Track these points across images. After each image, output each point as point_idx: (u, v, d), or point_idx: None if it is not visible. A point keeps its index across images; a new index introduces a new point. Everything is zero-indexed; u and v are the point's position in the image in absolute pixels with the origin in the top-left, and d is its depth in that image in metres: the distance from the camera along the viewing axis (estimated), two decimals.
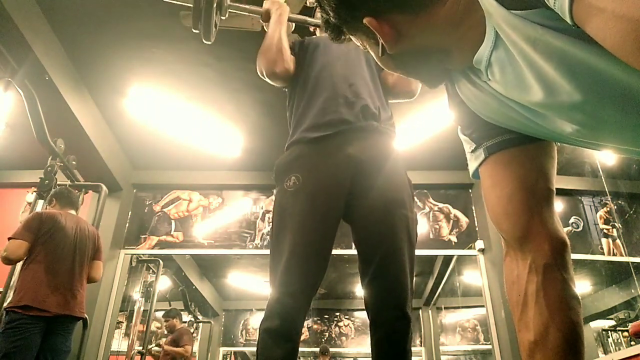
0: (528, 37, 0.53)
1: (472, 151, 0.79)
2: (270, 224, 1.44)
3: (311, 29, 2.05)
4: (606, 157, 4.11)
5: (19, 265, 2.69)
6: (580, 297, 0.73)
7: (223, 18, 1.72)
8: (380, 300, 1.34)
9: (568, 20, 0.46)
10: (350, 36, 0.78)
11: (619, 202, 4.67)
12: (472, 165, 0.81)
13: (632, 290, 4.82)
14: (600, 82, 0.52)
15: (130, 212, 4.56)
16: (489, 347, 4.14)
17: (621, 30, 0.42)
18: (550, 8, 0.48)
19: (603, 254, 4.38)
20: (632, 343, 3.48)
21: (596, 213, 4.56)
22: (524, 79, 0.60)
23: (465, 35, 0.65)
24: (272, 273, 1.34)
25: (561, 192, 4.42)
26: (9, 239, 2.60)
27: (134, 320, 4.97)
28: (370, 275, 1.36)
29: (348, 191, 1.41)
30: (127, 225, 4.50)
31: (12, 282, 2.71)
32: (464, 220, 4.55)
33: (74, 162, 3.45)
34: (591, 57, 0.49)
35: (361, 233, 1.42)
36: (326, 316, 7.94)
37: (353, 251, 1.49)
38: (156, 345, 5.00)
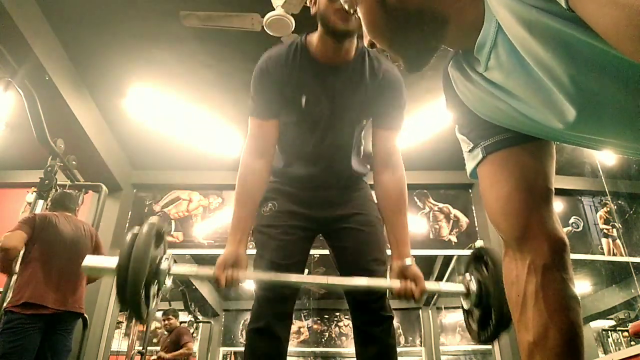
0: (524, 20, 0.52)
1: (470, 151, 0.79)
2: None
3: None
4: (606, 157, 4.11)
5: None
6: (579, 297, 0.73)
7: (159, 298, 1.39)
8: (358, 305, 1.45)
9: (563, 3, 0.45)
10: None
11: (619, 202, 4.67)
12: (469, 165, 0.80)
13: (632, 290, 4.82)
14: (598, 66, 0.51)
15: (130, 212, 4.56)
16: (489, 347, 4.14)
17: (614, 17, 0.41)
18: None
19: (603, 254, 4.38)
20: (632, 343, 3.48)
21: (596, 213, 4.56)
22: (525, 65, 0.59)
23: (466, 7, 0.63)
24: (255, 282, 1.50)
25: (561, 192, 4.42)
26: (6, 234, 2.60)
27: (134, 320, 4.96)
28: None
29: (321, 221, 1.54)
30: (127, 225, 4.49)
31: (11, 282, 2.71)
32: (464, 220, 4.55)
33: (74, 162, 3.44)
34: (588, 39, 0.48)
35: (335, 254, 1.57)
36: (326, 316, 7.94)
37: None
38: (158, 359, 4.96)
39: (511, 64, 0.61)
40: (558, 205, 4.32)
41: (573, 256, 0.78)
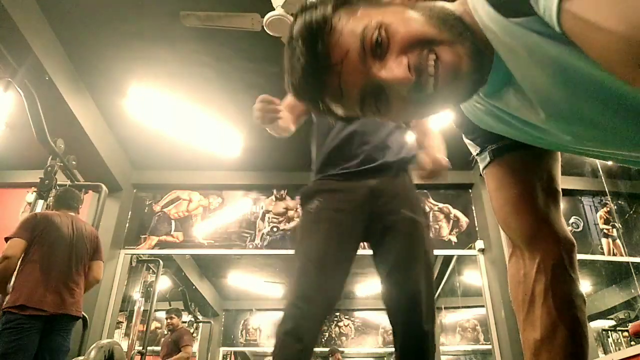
0: (525, 45, 0.53)
1: (478, 154, 0.81)
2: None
3: None
4: None
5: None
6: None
7: None
8: (398, 316, 1.45)
9: (557, 29, 0.46)
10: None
11: (619, 202, 4.67)
12: (481, 166, 0.82)
13: (632, 290, 4.82)
14: (595, 90, 0.52)
15: (130, 212, 4.56)
16: (489, 347, 4.14)
17: (604, 43, 0.43)
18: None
19: (603, 254, 4.38)
20: (632, 343, 3.48)
21: (596, 213, 4.56)
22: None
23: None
24: (290, 280, 1.49)
25: (561, 192, 4.40)
26: (6, 238, 2.60)
27: (134, 320, 4.96)
28: (387, 291, 1.49)
29: (367, 215, 1.53)
30: (127, 225, 4.49)
31: (11, 282, 2.71)
32: (464, 220, 4.55)
33: (74, 162, 3.45)
34: (585, 64, 0.49)
35: (377, 255, 1.56)
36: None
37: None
38: None
39: (508, 91, 0.62)
40: None
41: None
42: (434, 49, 0.56)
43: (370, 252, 1.60)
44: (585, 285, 5.56)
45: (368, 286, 7.11)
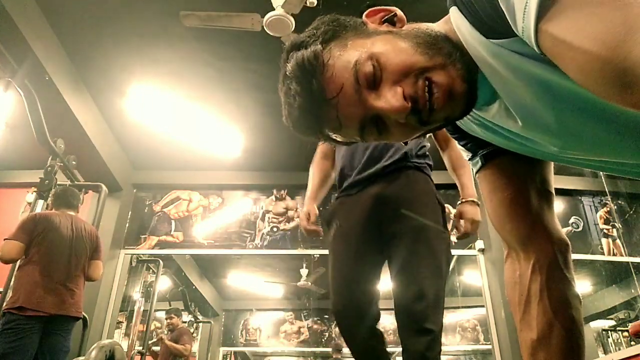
0: (508, 65, 0.54)
1: (470, 159, 0.82)
2: None
3: None
4: None
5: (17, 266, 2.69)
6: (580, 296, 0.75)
7: None
8: (399, 315, 1.53)
9: (535, 49, 0.48)
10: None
11: (619, 202, 4.67)
12: (473, 171, 0.84)
13: (632, 290, 4.82)
14: (579, 105, 0.54)
15: (130, 212, 4.56)
16: (489, 347, 4.14)
17: (579, 62, 0.44)
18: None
19: (603, 254, 4.37)
20: (632, 343, 3.48)
21: (596, 213, 4.56)
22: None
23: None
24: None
25: (561, 192, 4.41)
26: (5, 240, 2.61)
27: (134, 320, 4.97)
28: (393, 291, 1.57)
29: (378, 224, 1.65)
30: (127, 225, 4.49)
31: (11, 283, 2.71)
32: None
33: (74, 162, 3.44)
34: (567, 81, 0.50)
35: (388, 260, 1.66)
36: (326, 316, 7.93)
37: None
38: (157, 340, 5.01)
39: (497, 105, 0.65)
40: (558, 205, 4.31)
41: (573, 256, 0.80)
42: (426, 75, 0.58)
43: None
44: (585, 285, 5.56)
45: None
